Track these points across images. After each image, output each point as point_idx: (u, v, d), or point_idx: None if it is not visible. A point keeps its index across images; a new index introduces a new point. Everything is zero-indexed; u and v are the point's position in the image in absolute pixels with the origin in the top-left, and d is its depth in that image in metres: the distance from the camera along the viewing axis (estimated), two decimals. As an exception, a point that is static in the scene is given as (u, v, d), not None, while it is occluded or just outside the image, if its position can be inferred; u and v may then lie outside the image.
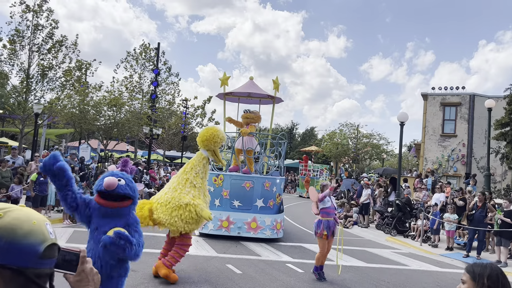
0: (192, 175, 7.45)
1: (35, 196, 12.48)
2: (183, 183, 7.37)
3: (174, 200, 7.09)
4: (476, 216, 11.96)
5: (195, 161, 7.65)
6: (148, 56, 29.42)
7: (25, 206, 1.30)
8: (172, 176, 9.77)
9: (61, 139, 40.25)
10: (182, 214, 6.99)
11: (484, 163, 22.50)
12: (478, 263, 2.35)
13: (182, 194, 7.16)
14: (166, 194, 7.28)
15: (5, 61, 19.41)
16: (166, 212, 7.03)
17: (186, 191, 7.24)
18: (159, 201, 7.23)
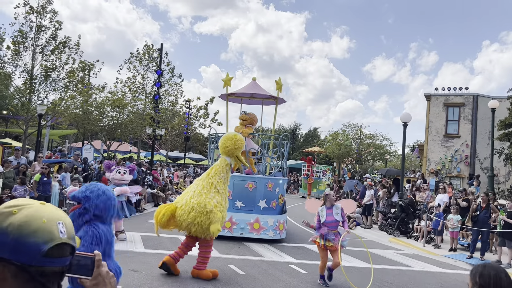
0: (216, 180, 7.72)
1: (38, 197, 12.52)
2: (208, 187, 7.62)
3: (199, 206, 7.35)
4: (480, 217, 11.92)
5: (219, 167, 7.87)
6: (151, 57, 29.47)
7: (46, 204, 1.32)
8: (176, 179, 9.93)
9: (65, 140, 40.40)
10: (203, 221, 7.30)
11: (487, 164, 22.42)
12: (479, 264, 2.35)
13: (207, 199, 7.43)
14: (192, 199, 7.50)
15: (9, 62, 19.49)
16: (190, 220, 7.35)
17: (211, 196, 7.51)
18: (183, 207, 7.46)
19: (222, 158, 8.03)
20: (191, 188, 7.90)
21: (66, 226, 1.29)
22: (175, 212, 7.54)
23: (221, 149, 8.04)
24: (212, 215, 7.32)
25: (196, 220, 7.32)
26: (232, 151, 7.93)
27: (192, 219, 7.33)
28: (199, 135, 43.58)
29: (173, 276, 7.77)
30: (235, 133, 8.28)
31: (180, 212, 7.47)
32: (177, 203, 7.73)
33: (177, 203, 7.76)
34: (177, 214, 7.50)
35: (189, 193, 7.76)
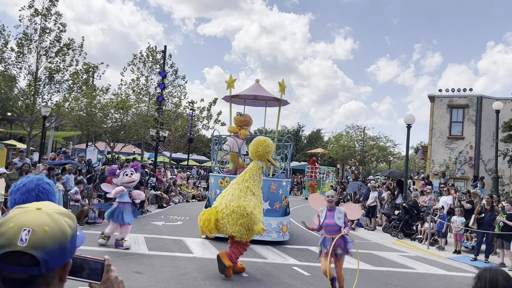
0: (251, 183, 8.20)
1: (42, 198, 12.57)
2: (245, 190, 8.10)
3: (239, 208, 7.84)
4: (485, 220, 11.87)
5: (252, 171, 8.36)
6: (155, 59, 29.56)
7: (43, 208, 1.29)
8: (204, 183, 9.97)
9: (69, 142, 40.51)
10: (245, 222, 7.83)
11: (492, 165, 22.32)
12: (484, 267, 2.36)
13: (245, 202, 7.90)
14: (231, 202, 7.96)
15: (13, 64, 19.60)
16: (232, 222, 7.85)
17: (248, 198, 7.98)
18: (224, 211, 7.94)
19: (254, 162, 8.47)
20: (228, 191, 8.32)
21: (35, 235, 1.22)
22: (217, 216, 7.99)
23: (253, 154, 8.44)
24: (253, 217, 7.81)
25: (238, 222, 7.82)
26: (264, 155, 8.38)
27: (234, 221, 7.83)
28: (202, 136, 43.58)
29: (176, 278, 7.77)
30: (266, 138, 8.67)
31: (221, 215, 7.93)
32: (217, 207, 8.14)
33: (217, 207, 8.16)
34: (219, 218, 7.96)
35: (226, 196, 8.17)
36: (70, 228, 1.31)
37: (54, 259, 1.25)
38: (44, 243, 1.22)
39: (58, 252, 1.26)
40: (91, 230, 12.42)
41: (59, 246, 1.26)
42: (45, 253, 1.22)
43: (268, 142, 8.47)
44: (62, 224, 1.29)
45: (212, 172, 13.59)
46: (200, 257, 9.67)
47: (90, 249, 9.66)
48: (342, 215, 7.21)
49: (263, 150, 8.33)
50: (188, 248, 10.58)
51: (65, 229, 1.28)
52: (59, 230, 1.26)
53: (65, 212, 1.35)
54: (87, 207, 13.71)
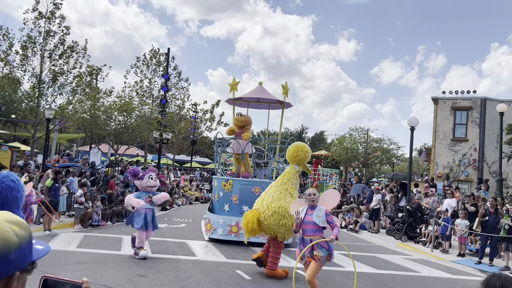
0: (289, 186, 8.66)
1: (49, 201, 12.60)
2: (284, 193, 8.55)
3: (280, 209, 8.30)
4: (489, 222, 11.81)
5: (290, 174, 8.78)
6: (158, 61, 29.63)
7: None
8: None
9: (72, 144, 40.67)
10: (286, 222, 8.27)
11: (496, 167, 22.24)
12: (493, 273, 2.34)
13: (285, 203, 8.33)
14: (272, 203, 8.41)
15: (18, 66, 19.69)
16: (275, 222, 8.28)
17: (288, 200, 8.41)
18: (266, 212, 8.36)
19: (292, 166, 8.83)
20: (267, 193, 8.76)
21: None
22: (260, 217, 8.41)
23: (292, 158, 8.78)
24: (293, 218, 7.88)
25: (281, 222, 8.27)
26: (302, 160, 8.75)
27: (277, 222, 8.27)
28: (205, 138, 43.62)
29: (180, 281, 7.77)
30: (304, 144, 9.05)
31: (264, 216, 8.36)
32: (258, 209, 8.57)
33: (258, 209, 8.60)
34: (262, 219, 8.39)
35: (266, 198, 8.61)
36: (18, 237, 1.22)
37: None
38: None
39: None
40: (94, 233, 12.44)
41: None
42: None
43: (307, 149, 8.85)
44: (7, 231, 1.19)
45: (216, 175, 13.59)
46: (203, 260, 9.67)
47: (93, 252, 9.68)
48: (323, 214, 6.59)
49: (303, 156, 8.69)
50: (191, 251, 10.58)
51: (9, 237, 1.19)
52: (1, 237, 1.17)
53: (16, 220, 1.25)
54: (90, 210, 13.74)
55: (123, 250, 10.19)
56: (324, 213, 6.58)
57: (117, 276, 7.77)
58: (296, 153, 8.69)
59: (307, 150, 8.77)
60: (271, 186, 8.92)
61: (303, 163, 8.81)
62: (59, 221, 13.11)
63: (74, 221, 13.31)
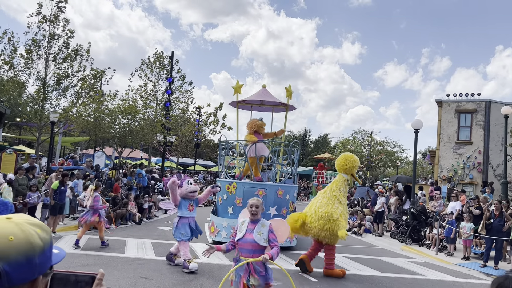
0: (338, 193, 9.18)
1: (54, 205, 12.65)
2: (332, 199, 9.09)
3: (327, 214, 8.81)
4: (494, 225, 11.74)
5: (338, 182, 9.36)
6: (162, 64, 29.74)
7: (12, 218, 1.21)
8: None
9: (77, 147, 40.82)
10: (331, 227, 8.75)
11: (501, 170, 22.12)
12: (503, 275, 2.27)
13: (332, 209, 8.87)
14: (319, 209, 8.96)
15: (22, 70, 19.81)
16: (319, 227, 8.82)
17: (335, 206, 8.96)
18: (313, 216, 8.94)
19: (340, 174, 9.45)
20: (317, 199, 9.33)
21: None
22: (306, 220, 9.00)
23: (339, 167, 9.42)
24: (338, 223, 8.72)
25: (325, 227, 8.78)
26: (350, 169, 9.33)
27: (321, 226, 8.80)
28: (209, 141, 43.69)
29: (183, 283, 7.77)
30: (352, 154, 9.61)
31: (310, 219, 8.95)
32: (307, 213, 9.16)
33: (306, 212, 9.19)
34: (308, 221, 8.98)
35: (315, 204, 9.18)
36: (42, 241, 1.20)
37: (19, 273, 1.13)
38: (7, 253, 1.12)
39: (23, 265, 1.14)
40: (97, 235, 12.45)
41: (25, 258, 1.14)
42: (7, 265, 1.11)
43: (355, 158, 9.43)
44: (31, 234, 1.18)
45: (219, 177, 13.60)
46: (207, 262, 9.65)
47: (97, 254, 9.70)
48: (266, 230, 5.36)
49: (351, 165, 9.29)
50: (195, 254, 10.57)
51: (34, 240, 1.17)
52: (26, 241, 1.16)
53: (37, 223, 1.24)
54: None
55: (127, 253, 10.20)
56: (267, 229, 5.38)
57: (121, 279, 7.78)
58: (344, 162, 9.33)
59: (355, 160, 9.37)
60: (320, 193, 9.58)
61: (351, 172, 9.36)
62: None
63: (78, 223, 13.32)
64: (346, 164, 9.30)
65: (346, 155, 9.54)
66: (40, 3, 19.63)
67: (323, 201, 9.10)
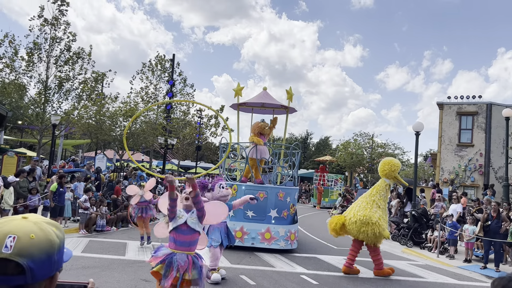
0: (377, 198, 9.67)
1: (54, 207, 12.67)
2: (371, 203, 9.58)
3: (365, 217, 9.31)
4: (492, 227, 11.72)
5: (379, 187, 9.82)
6: (163, 67, 29.80)
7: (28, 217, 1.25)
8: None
9: (78, 150, 40.86)
10: (368, 230, 9.27)
11: (502, 173, 22.08)
12: (503, 276, 2.23)
13: (371, 213, 9.37)
14: (358, 212, 9.50)
15: (24, 72, 19.86)
16: (356, 229, 9.41)
17: (373, 210, 9.45)
18: (352, 218, 9.51)
19: (382, 179, 9.86)
20: (357, 203, 9.90)
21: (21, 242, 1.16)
22: (345, 222, 9.64)
23: (380, 172, 9.87)
24: (378, 226, 9.28)
25: (362, 229, 9.32)
26: (390, 174, 9.72)
27: (358, 228, 9.35)
28: (210, 144, 43.70)
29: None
30: (390, 159, 10.11)
31: (349, 222, 9.55)
32: (346, 216, 9.76)
33: (346, 215, 9.77)
34: (347, 224, 9.61)
35: (355, 207, 9.75)
36: (58, 239, 1.25)
37: (41, 269, 1.19)
38: (30, 250, 1.17)
39: (45, 262, 1.20)
40: (99, 238, 12.47)
41: (46, 255, 1.20)
42: (31, 262, 1.16)
43: (394, 162, 9.85)
44: (50, 233, 1.23)
45: (220, 180, 13.57)
46: (208, 264, 9.64)
47: (98, 257, 9.70)
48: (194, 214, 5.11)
49: (389, 169, 9.69)
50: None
51: (52, 238, 1.23)
52: (46, 238, 1.21)
53: (52, 222, 1.29)
54: (94, 214, 13.77)
55: (127, 255, 10.20)
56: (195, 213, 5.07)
57: (122, 281, 7.77)
58: (383, 168, 9.77)
59: (393, 164, 9.75)
60: (360, 197, 10.12)
61: (392, 176, 9.74)
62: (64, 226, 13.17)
63: (79, 226, 13.35)
64: (385, 169, 9.72)
65: (384, 160, 10.05)
66: (42, 6, 19.70)
67: (362, 205, 9.63)
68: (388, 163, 9.76)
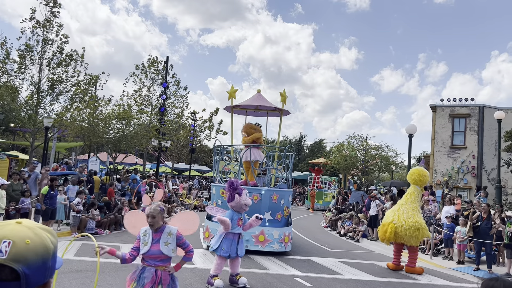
0: (417, 204, 11.02)
1: (45, 210, 12.56)
2: (416, 210, 10.89)
3: (417, 224, 10.53)
4: (481, 228, 11.79)
5: (414, 194, 11.04)
6: (157, 69, 29.70)
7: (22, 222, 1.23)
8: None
9: (71, 153, 40.62)
10: (419, 234, 10.55)
11: (495, 175, 22.24)
12: (493, 277, 2.24)
13: (420, 218, 10.73)
14: (409, 219, 10.56)
15: (15, 75, 19.68)
16: (410, 234, 10.49)
17: (419, 216, 10.84)
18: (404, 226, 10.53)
19: (414, 186, 11.09)
20: (400, 210, 10.86)
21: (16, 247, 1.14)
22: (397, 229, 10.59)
23: (415, 181, 11.07)
24: (426, 229, 10.79)
25: (414, 234, 10.48)
26: (422, 182, 11.08)
27: (411, 233, 10.47)
28: (204, 146, 43.64)
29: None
30: (422, 169, 11.32)
31: (401, 229, 10.54)
32: (396, 223, 10.67)
33: (396, 222, 10.67)
34: (399, 231, 10.57)
35: (402, 214, 10.72)
36: (53, 244, 1.24)
37: (36, 275, 1.16)
38: (25, 256, 1.15)
39: (40, 268, 1.18)
40: (92, 241, 12.36)
41: (41, 261, 1.18)
42: (26, 267, 1.14)
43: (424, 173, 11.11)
44: (45, 238, 1.22)
45: (214, 182, 13.57)
46: (201, 268, 9.62)
47: (91, 260, 9.62)
48: (173, 240, 4.85)
49: (422, 179, 11.04)
50: (189, 259, 10.51)
51: (47, 244, 1.21)
52: (42, 244, 1.19)
53: (46, 228, 1.28)
54: (84, 217, 13.66)
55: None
56: (174, 238, 4.85)
57: (114, 284, 7.72)
58: (418, 178, 10.98)
59: (423, 175, 11.00)
60: (399, 204, 11.14)
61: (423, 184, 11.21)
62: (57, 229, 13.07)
63: (71, 229, 13.25)
64: (414, 177, 11.03)
65: (415, 170, 11.22)
66: (33, 8, 19.55)
67: (408, 212, 10.69)
68: (415, 173, 11.04)
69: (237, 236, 8.21)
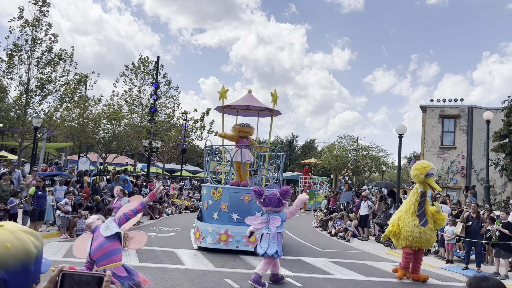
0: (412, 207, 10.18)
1: (33, 210, 12.41)
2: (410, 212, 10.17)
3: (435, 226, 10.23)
4: (472, 228, 11.90)
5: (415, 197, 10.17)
6: (147, 69, 29.55)
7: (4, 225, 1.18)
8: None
9: (61, 153, 40.25)
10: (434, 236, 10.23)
11: (484, 175, 22.46)
12: (478, 276, 2.26)
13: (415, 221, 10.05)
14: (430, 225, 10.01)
15: (4, 74, 19.46)
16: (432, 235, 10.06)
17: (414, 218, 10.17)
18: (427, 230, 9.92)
19: (415, 186, 10.28)
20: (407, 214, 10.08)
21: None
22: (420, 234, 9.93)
23: (414, 179, 10.22)
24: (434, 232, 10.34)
25: (433, 234, 10.15)
26: (417, 176, 9.90)
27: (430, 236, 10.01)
28: (196, 147, 43.51)
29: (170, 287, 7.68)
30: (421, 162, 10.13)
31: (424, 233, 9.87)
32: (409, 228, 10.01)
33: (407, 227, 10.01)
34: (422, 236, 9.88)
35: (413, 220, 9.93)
36: (36, 248, 1.19)
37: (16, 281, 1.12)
38: (5, 261, 1.10)
39: (20, 273, 1.13)
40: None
41: (22, 266, 1.13)
42: (5, 273, 1.09)
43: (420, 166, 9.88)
44: (27, 242, 1.16)
45: (205, 183, 13.53)
46: (191, 268, 9.58)
47: (80, 261, 9.54)
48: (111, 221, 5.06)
49: (413, 173, 10.08)
50: (179, 260, 10.49)
51: (29, 248, 1.16)
52: (22, 248, 1.14)
53: (30, 231, 1.23)
54: (72, 217, 13.53)
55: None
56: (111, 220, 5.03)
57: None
58: (412, 173, 10.07)
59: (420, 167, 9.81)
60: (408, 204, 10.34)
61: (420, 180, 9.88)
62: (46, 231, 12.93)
63: (60, 230, 13.12)
64: (414, 174, 9.99)
65: (416, 164, 10.05)
66: (21, 7, 19.34)
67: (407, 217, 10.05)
68: (414, 168, 10.00)
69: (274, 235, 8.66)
